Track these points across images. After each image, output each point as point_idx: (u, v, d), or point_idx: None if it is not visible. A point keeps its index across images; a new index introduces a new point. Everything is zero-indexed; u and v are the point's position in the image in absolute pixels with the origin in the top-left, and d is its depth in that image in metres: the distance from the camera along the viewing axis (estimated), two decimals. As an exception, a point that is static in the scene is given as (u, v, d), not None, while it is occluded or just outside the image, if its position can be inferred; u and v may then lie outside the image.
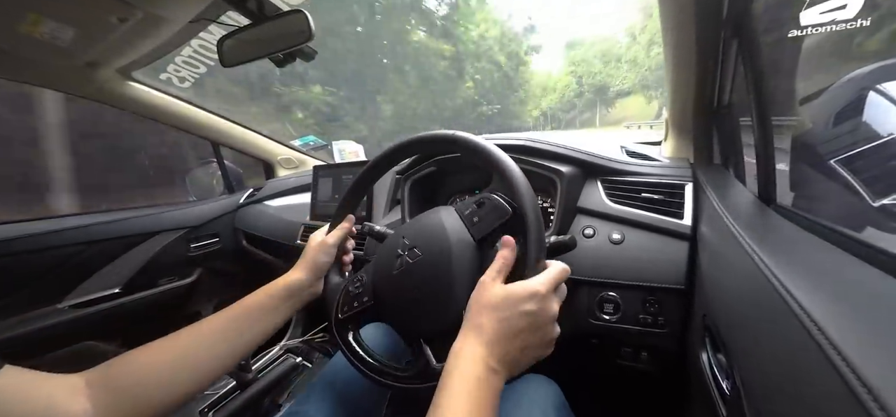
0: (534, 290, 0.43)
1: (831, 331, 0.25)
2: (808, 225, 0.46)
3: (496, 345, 0.41)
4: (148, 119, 1.43)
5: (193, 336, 0.53)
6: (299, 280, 0.63)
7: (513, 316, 0.42)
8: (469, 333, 0.43)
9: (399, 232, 0.62)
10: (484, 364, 0.40)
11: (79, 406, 0.42)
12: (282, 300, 0.61)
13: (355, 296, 0.61)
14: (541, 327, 0.43)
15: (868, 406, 0.20)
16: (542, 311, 0.43)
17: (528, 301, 0.43)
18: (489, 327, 0.42)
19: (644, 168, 0.85)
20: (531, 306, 0.43)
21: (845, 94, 0.58)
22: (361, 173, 0.69)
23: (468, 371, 0.39)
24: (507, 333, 0.42)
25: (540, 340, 0.44)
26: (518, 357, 0.42)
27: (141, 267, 1.37)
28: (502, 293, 0.43)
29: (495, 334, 0.41)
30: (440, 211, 0.59)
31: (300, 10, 0.87)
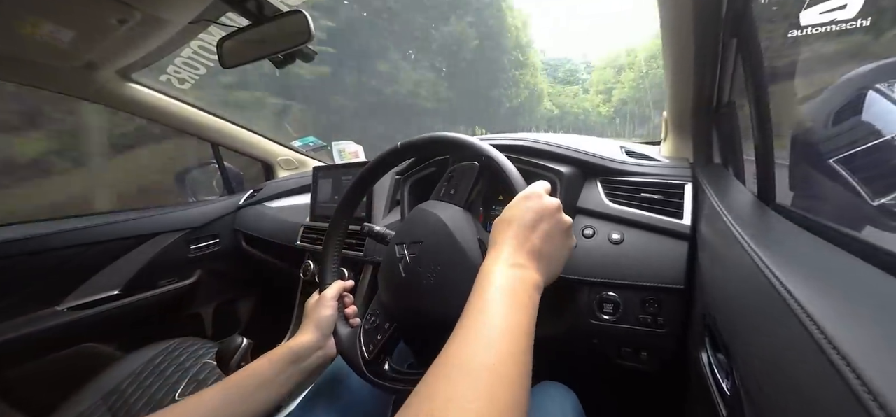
0: (526, 193, 0.48)
1: (831, 331, 0.25)
2: (807, 225, 0.46)
3: (515, 245, 0.43)
4: (148, 120, 1.43)
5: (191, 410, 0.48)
6: (304, 342, 0.57)
7: (517, 216, 0.45)
8: (489, 251, 0.45)
9: (391, 243, 0.62)
10: (506, 261, 0.41)
11: None
12: (285, 366, 0.54)
13: (375, 329, 0.59)
14: (550, 215, 0.46)
15: (868, 406, 0.20)
16: (543, 205, 0.46)
17: (526, 200, 0.47)
18: (502, 238, 0.44)
19: (643, 168, 0.85)
20: (531, 203, 0.46)
21: (844, 94, 0.58)
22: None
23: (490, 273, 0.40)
24: (519, 232, 0.44)
25: (554, 227, 0.46)
26: (541, 249, 0.44)
27: (141, 269, 1.37)
28: (503, 214, 0.47)
29: (511, 239, 0.44)
30: (420, 207, 0.61)
31: (300, 11, 0.87)
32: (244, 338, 0.79)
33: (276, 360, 0.55)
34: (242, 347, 0.78)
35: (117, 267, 1.33)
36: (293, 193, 1.55)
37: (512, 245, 0.43)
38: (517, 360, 0.34)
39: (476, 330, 0.35)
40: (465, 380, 0.31)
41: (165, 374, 0.97)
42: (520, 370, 0.33)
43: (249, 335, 0.80)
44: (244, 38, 0.94)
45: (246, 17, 0.90)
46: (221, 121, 1.60)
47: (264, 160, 1.84)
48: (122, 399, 0.92)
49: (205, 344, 1.08)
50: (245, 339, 0.79)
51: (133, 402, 0.90)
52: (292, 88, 16.73)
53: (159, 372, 0.97)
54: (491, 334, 0.34)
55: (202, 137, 1.61)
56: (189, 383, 0.93)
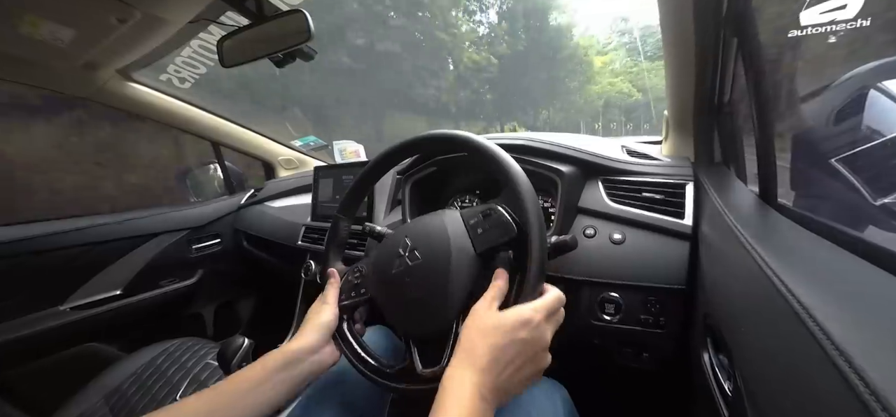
0: (527, 318, 0.44)
1: (833, 331, 0.25)
2: (809, 225, 0.46)
3: (488, 373, 0.41)
4: (148, 119, 1.43)
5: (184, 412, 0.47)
6: (299, 346, 0.55)
7: (506, 343, 0.42)
8: (463, 359, 0.43)
9: (401, 232, 0.61)
10: (475, 391, 0.40)
11: None
12: (279, 370, 0.52)
13: (354, 286, 0.62)
14: (533, 355, 0.44)
15: (870, 406, 0.20)
16: (535, 340, 0.44)
17: (522, 328, 0.43)
18: (482, 354, 0.42)
19: (645, 167, 0.85)
20: (524, 334, 0.43)
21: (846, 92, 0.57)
22: (370, 165, 0.69)
23: (459, 397, 0.39)
24: (499, 361, 0.42)
25: (531, 368, 0.44)
26: (508, 386, 0.43)
27: (142, 269, 1.37)
28: (495, 320, 0.44)
29: (488, 362, 0.41)
30: (445, 216, 0.59)
31: (300, 10, 0.87)
32: (245, 338, 0.79)
33: (270, 365, 0.53)
34: (244, 347, 0.78)
35: (119, 267, 1.33)
36: (294, 193, 1.55)
37: (487, 370, 0.41)
38: None
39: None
40: None
41: (167, 374, 0.97)
42: None
43: (251, 335, 0.80)
44: (244, 38, 0.94)
45: (246, 16, 0.90)
46: (222, 121, 1.60)
47: (265, 160, 1.84)
48: (123, 399, 0.92)
49: (206, 344, 1.09)
50: (246, 339, 0.79)
51: (134, 402, 0.91)
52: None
53: (161, 373, 0.98)
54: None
55: (203, 137, 1.61)
56: (191, 383, 0.94)
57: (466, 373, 0.41)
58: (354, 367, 0.57)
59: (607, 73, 23.31)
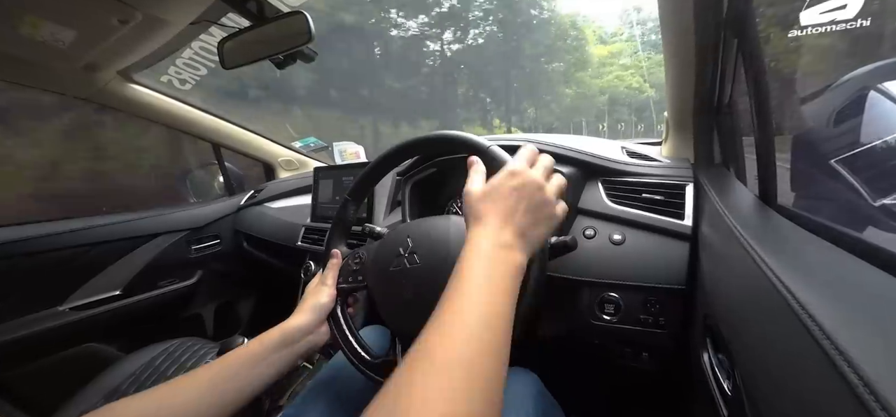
0: (510, 170, 0.47)
1: (833, 331, 0.25)
2: (809, 226, 0.46)
3: (500, 224, 0.43)
4: (149, 121, 1.43)
5: (182, 388, 0.48)
6: (296, 324, 0.57)
7: (502, 196, 0.45)
8: (471, 227, 0.44)
9: (404, 231, 0.62)
10: (491, 242, 0.41)
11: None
12: (277, 349, 0.54)
13: (352, 272, 0.63)
14: (533, 194, 0.45)
15: (870, 406, 0.20)
16: (527, 182, 0.46)
17: (510, 178, 0.46)
18: (487, 213, 0.44)
19: (644, 168, 0.85)
20: (515, 181, 0.45)
21: (845, 93, 0.58)
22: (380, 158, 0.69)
23: (476, 253, 0.40)
24: (505, 211, 0.44)
25: (539, 206, 0.46)
26: (529, 225, 0.44)
27: (142, 269, 1.37)
28: (487, 186, 0.47)
29: (496, 215, 0.43)
30: (450, 224, 0.59)
31: (300, 12, 0.87)
32: (245, 338, 0.79)
33: (267, 342, 0.55)
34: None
35: (119, 267, 1.33)
36: (294, 194, 1.55)
37: (496, 222, 0.43)
38: (496, 353, 0.34)
39: (456, 319, 0.35)
40: (442, 378, 0.31)
41: (166, 375, 0.97)
42: (497, 363, 0.34)
43: (250, 335, 0.80)
44: (245, 39, 0.94)
45: (246, 18, 0.90)
46: (222, 122, 1.60)
47: (265, 161, 1.84)
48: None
49: (206, 344, 1.09)
50: (246, 339, 0.79)
51: (134, 403, 0.90)
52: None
53: (160, 373, 0.98)
54: (471, 325, 0.34)
55: (203, 138, 1.61)
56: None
57: (480, 233, 0.42)
58: (344, 353, 0.58)
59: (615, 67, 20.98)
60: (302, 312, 0.59)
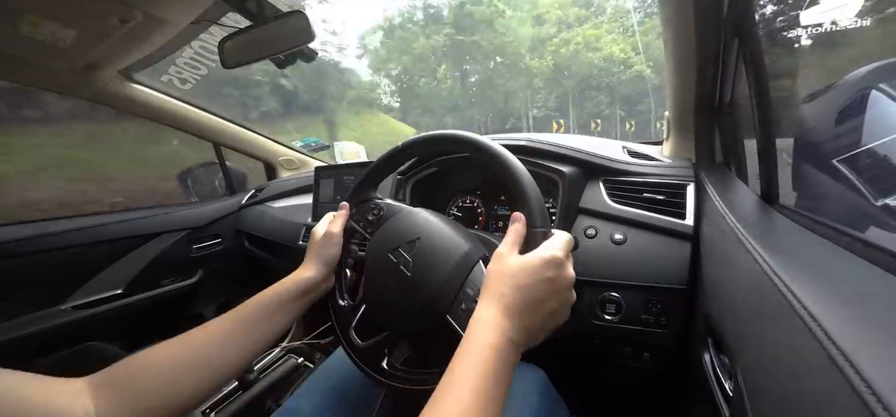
0: (552, 256, 0.43)
1: (834, 331, 0.25)
2: (810, 225, 0.46)
3: (517, 316, 0.41)
4: (150, 120, 1.43)
5: (202, 335, 0.51)
6: (310, 277, 0.59)
7: (533, 283, 0.42)
8: (491, 302, 0.42)
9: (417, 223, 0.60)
10: (503, 335, 0.39)
11: (80, 406, 0.40)
12: (292, 299, 0.57)
13: (366, 220, 0.64)
14: (561, 292, 0.44)
15: (872, 406, 0.20)
16: (561, 277, 0.43)
17: (548, 268, 0.43)
18: (511, 296, 0.41)
19: (645, 168, 0.85)
20: (551, 272, 0.43)
21: (847, 93, 0.57)
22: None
23: (487, 341, 0.39)
24: (529, 302, 0.41)
25: (559, 307, 0.44)
26: (537, 328, 0.43)
27: (143, 268, 1.37)
28: (520, 262, 0.43)
29: (517, 304, 0.41)
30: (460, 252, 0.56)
31: (301, 11, 0.87)
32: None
33: (284, 294, 0.57)
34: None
35: (120, 266, 1.33)
36: (295, 193, 1.55)
37: (515, 312, 0.41)
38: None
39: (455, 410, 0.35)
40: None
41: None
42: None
43: None
44: (245, 39, 0.94)
45: (247, 17, 0.90)
46: (223, 122, 1.60)
47: (266, 160, 1.84)
48: (124, 399, 0.92)
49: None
50: None
51: (135, 402, 0.91)
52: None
53: (161, 372, 0.98)
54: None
55: (204, 138, 1.61)
56: (191, 383, 0.94)
57: (495, 316, 0.41)
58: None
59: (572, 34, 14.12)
60: (313, 265, 0.61)
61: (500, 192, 1.03)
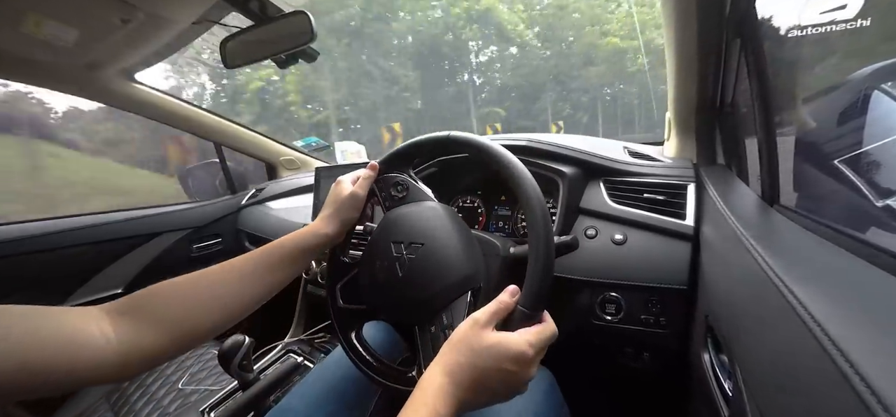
0: (521, 352, 0.42)
1: (834, 332, 0.25)
2: (811, 226, 0.46)
3: (464, 389, 0.41)
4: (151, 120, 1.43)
5: (220, 272, 0.52)
6: (327, 234, 0.61)
7: (492, 368, 0.41)
8: (442, 369, 0.42)
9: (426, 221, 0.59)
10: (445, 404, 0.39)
11: (99, 333, 0.40)
12: (307, 250, 0.59)
13: (390, 196, 0.64)
14: (512, 385, 0.43)
15: (872, 406, 0.20)
16: (521, 374, 0.42)
17: (513, 361, 0.41)
18: (464, 371, 0.41)
19: (646, 168, 0.85)
20: (514, 367, 0.42)
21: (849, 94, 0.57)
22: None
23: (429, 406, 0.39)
24: (479, 382, 0.41)
25: (505, 395, 0.43)
26: (479, 404, 0.42)
27: (144, 268, 1.37)
28: (490, 341, 0.42)
29: (468, 380, 0.41)
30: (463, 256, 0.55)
31: (302, 11, 0.87)
32: (246, 337, 0.79)
33: (303, 244, 0.59)
34: (244, 346, 0.78)
35: (120, 266, 1.33)
36: (295, 193, 1.55)
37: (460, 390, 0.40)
38: None
39: None
40: None
41: (166, 373, 0.97)
42: None
43: (251, 333, 0.80)
44: (247, 39, 0.94)
45: (249, 17, 0.90)
46: (224, 122, 1.60)
47: (267, 160, 1.84)
48: (123, 398, 0.92)
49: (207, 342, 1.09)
50: (247, 338, 0.79)
51: (134, 401, 0.91)
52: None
53: (160, 371, 0.98)
54: None
55: (205, 137, 1.61)
56: (190, 381, 0.94)
57: (443, 385, 0.40)
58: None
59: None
60: (331, 221, 0.62)
61: (500, 192, 1.03)
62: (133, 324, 0.43)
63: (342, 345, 0.60)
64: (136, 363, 0.43)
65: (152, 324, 0.45)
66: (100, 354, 0.39)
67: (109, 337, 0.41)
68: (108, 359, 0.40)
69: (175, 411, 0.87)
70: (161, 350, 0.45)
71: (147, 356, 0.44)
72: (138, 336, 0.43)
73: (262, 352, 1.17)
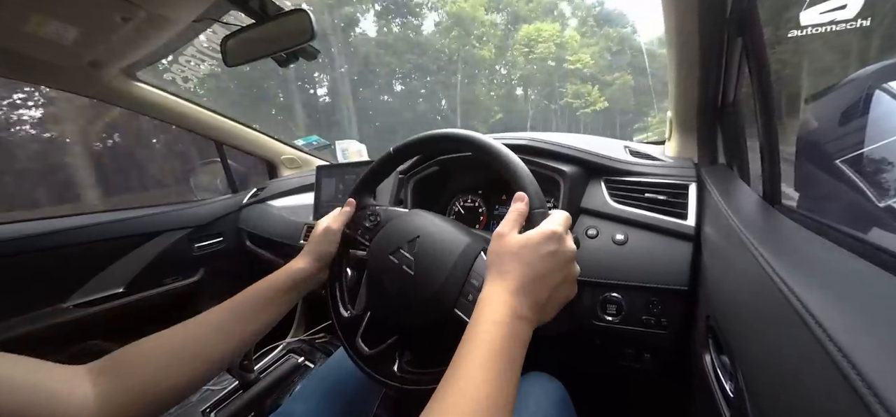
0: (551, 231, 0.44)
1: (836, 333, 0.25)
2: (812, 226, 0.46)
3: (523, 291, 0.41)
4: (152, 118, 1.44)
5: (198, 325, 0.53)
6: (303, 269, 0.61)
7: (536, 258, 0.42)
8: (495, 280, 0.42)
9: (416, 223, 0.60)
10: (510, 310, 0.39)
11: (80, 391, 0.41)
12: (285, 291, 0.59)
13: (363, 227, 0.65)
14: (563, 266, 0.44)
15: (873, 408, 0.20)
16: (562, 251, 0.44)
17: (548, 242, 0.43)
18: (515, 273, 0.42)
19: (647, 168, 0.85)
20: (552, 246, 0.43)
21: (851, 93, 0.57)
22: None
23: (492, 318, 0.39)
24: (533, 277, 0.42)
25: (564, 279, 0.44)
26: (545, 301, 0.43)
27: (145, 267, 1.37)
28: (522, 240, 0.44)
29: (522, 279, 0.41)
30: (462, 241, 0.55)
31: (303, 10, 0.87)
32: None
33: (278, 285, 0.58)
34: (245, 345, 0.78)
35: (122, 265, 1.34)
36: (297, 192, 1.56)
37: (520, 287, 0.41)
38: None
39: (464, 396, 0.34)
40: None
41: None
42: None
43: None
44: (247, 37, 0.94)
45: (249, 15, 0.90)
46: (225, 120, 1.61)
47: (268, 159, 1.84)
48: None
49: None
50: None
51: (136, 399, 0.91)
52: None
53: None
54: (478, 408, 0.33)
55: (206, 136, 1.61)
56: (192, 381, 0.94)
57: (500, 293, 0.41)
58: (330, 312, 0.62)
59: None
60: (308, 259, 0.62)
61: (501, 192, 1.03)
62: (113, 385, 0.44)
63: (352, 358, 0.59)
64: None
65: (132, 385, 0.45)
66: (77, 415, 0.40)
67: (89, 397, 0.41)
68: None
69: (175, 411, 0.87)
70: (139, 412, 0.45)
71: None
72: (117, 397, 0.43)
73: (263, 352, 1.17)
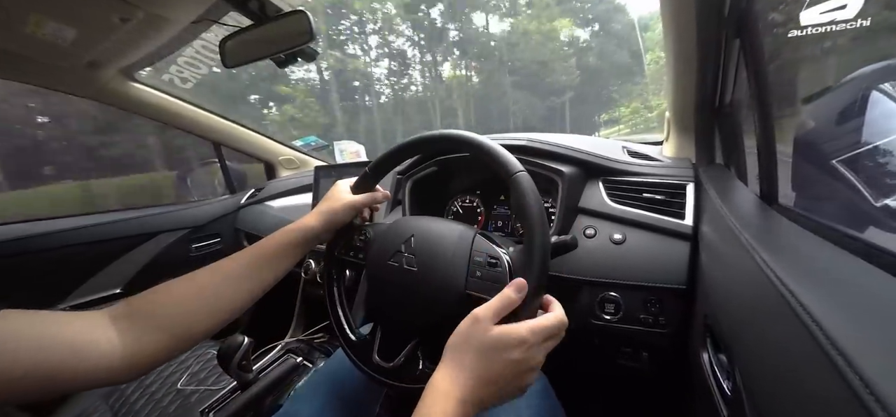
0: (522, 338, 0.42)
1: (833, 331, 0.25)
2: (809, 226, 0.46)
3: (473, 387, 0.41)
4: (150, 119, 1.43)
5: (215, 273, 0.55)
6: (313, 228, 0.62)
7: (497, 360, 0.42)
8: (451, 368, 0.42)
9: (410, 226, 0.60)
10: (456, 404, 0.40)
11: (103, 338, 0.42)
12: (297, 245, 0.61)
13: (354, 248, 0.65)
14: (521, 374, 0.43)
15: (870, 406, 0.20)
16: (526, 360, 0.43)
17: (516, 348, 0.42)
18: (471, 367, 0.42)
19: (645, 168, 0.85)
20: (517, 354, 0.42)
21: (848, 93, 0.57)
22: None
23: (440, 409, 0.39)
24: (487, 377, 0.42)
25: (516, 386, 0.44)
26: (490, 399, 0.42)
27: (142, 268, 1.37)
28: (493, 338, 0.42)
29: (475, 375, 0.41)
30: (457, 242, 0.55)
31: (302, 11, 0.87)
32: (245, 337, 0.79)
33: (291, 240, 0.60)
34: (243, 346, 0.78)
35: (119, 265, 1.33)
36: (295, 192, 1.55)
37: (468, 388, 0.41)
38: None
39: None
40: None
41: (166, 373, 0.97)
42: None
43: (250, 333, 0.80)
44: (246, 38, 0.94)
45: (248, 16, 0.90)
46: (223, 121, 1.60)
47: (266, 159, 1.84)
48: (122, 399, 0.92)
49: (206, 342, 1.09)
50: (246, 338, 0.79)
51: (133, 401, 0.91)
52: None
53: (160, 371, 0.98)
54: None
55: (204, 137, 1.61)
56: (189, 381, 0.94)
57: (451, 385, 0.41)
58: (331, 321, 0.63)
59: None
60: (319, 218, 0.63)
61: (499, 192, 1.03)
62: (135, 327, 0.46)
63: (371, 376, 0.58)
64: (142, 364, 0.45)
65: (153, 327, 0.47)
66: (106, 359, 0.42)
67: (114, 341, 0.43)
68: (115, 363, 0.42)
69: (174, 411, 0.87)
70: (165, 351, 0.47)
71: (152, 357, 0.46)
72: (141, 338, 0.45)
73: (262, 352, 1.17)
